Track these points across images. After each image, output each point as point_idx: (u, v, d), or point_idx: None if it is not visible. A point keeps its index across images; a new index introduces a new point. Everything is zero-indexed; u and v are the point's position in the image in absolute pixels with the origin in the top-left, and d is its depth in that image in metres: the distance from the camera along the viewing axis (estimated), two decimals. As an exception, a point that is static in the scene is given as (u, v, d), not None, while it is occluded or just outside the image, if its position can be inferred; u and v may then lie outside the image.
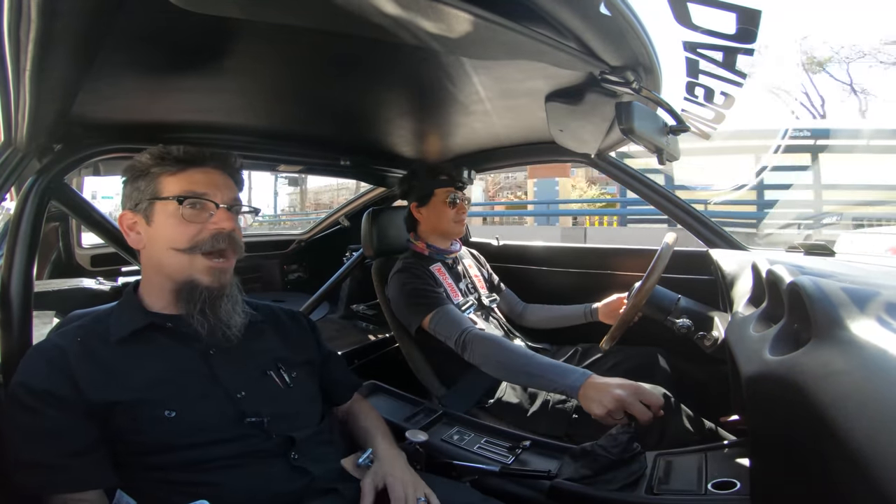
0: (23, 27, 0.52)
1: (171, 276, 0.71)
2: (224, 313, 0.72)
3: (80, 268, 1.93)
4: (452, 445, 0.95)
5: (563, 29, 0.59)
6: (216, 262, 0.71)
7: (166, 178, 0.72)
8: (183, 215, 0.70)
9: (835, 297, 0.44)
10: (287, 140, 1.35)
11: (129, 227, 0.74)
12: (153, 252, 0.72)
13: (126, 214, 0.74)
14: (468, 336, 1.14)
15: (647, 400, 0.87)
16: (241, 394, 0.70)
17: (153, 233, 0.72)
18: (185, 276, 0.70)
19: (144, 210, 0.72)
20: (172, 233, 0.70)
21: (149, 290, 0.74)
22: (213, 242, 0.70)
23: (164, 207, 0.71)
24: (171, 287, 0.72)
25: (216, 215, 0.71)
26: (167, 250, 0.70)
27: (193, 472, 0.64)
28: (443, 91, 0.99)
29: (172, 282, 0.71)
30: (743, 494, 0.70)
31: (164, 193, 0.71)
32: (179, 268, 0.70)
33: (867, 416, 0.33)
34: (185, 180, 0.72)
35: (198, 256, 0.70)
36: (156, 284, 0.73)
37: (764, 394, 0.50)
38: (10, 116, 0.79)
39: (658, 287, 1.17)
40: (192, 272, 0.70)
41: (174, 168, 0.72)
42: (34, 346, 0.70)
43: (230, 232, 0.72)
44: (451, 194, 1.37)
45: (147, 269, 0.75)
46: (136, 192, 0.73)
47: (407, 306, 1.27)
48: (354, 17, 0.53)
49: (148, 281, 0.75)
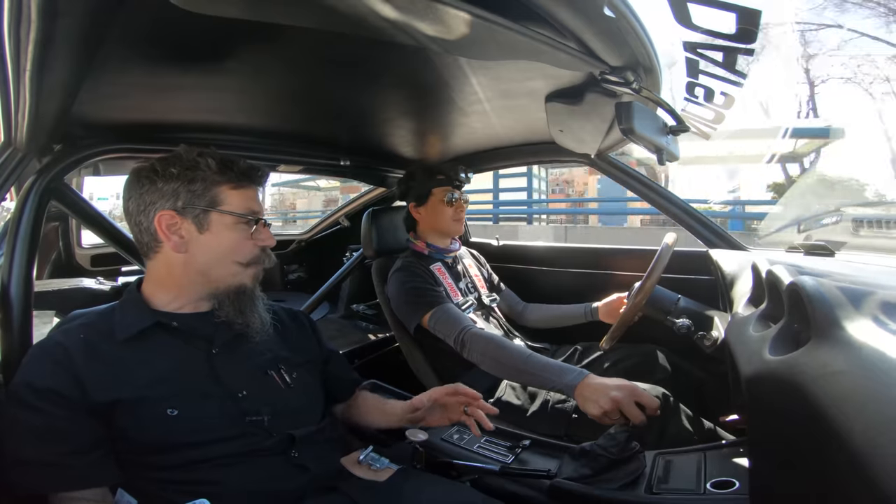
0: (23, 27, 0.52)
1: (218, 281, 0.73)
2: (259, 309, 0.77)
3: (80, 268, 1.93)
4: (452, 445, 0.96)
5: (563, 29, 0.59)
6: (260, 269, 0.77)
7: (228, 190, 0.73)
8: (252, 235, 0.74)
9: (834, 297, 0.44)
10: (287, 140, 1.35)
11: (168, 227, 0.71)
12: (201, 258, 0.72)
13: (167, 214, 0.70)
14: (467, 334, 1.14)
15: (642, 401, 0.87)
16: (242, 393, 0.70)
17: (206, 241, 0.72)
18: (238, 281, 0.74)
19: (196, 216, 0.71)
20: (235, 246, 0.73)
21: (164, 289, 0.73)
22: (262, 258, 0.77)
23: (224, 220, 0.72)
24: (211, 289, 0.73)
25: (265, 232, 0.77)
26: (227, 262, 0.73)
27: (194, 470, 0.65)
28: (443, 91, 0.99)
29: (218, 284, 0.73)
30: (742, 494, 0.70)
31: (227, 206, 0.72)
32: (231, 275, 0.74)
33: (867, 416, 0.33)
34: (246, 197, 0.74)
35: (250, 267, 0.75)
36: (183, 285, 0.73)
37: (763, 394, 0.50)
38: (10, 116, 0.79)
39: (658, 287, 1.17)
40: (243, 279, 0.75)
41: (238, 182, 0.74)
42: (37, 343, 0.70)
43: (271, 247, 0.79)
44: (449, 193, 1.37)
45: (174, 270, 0.72)
46: (189, 195, 0.71)
47: (406, 304, 1.27)
48: (354, 18, 0.53)
49: (167, 281, 0.73)
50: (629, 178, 1.48)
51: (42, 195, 0.94)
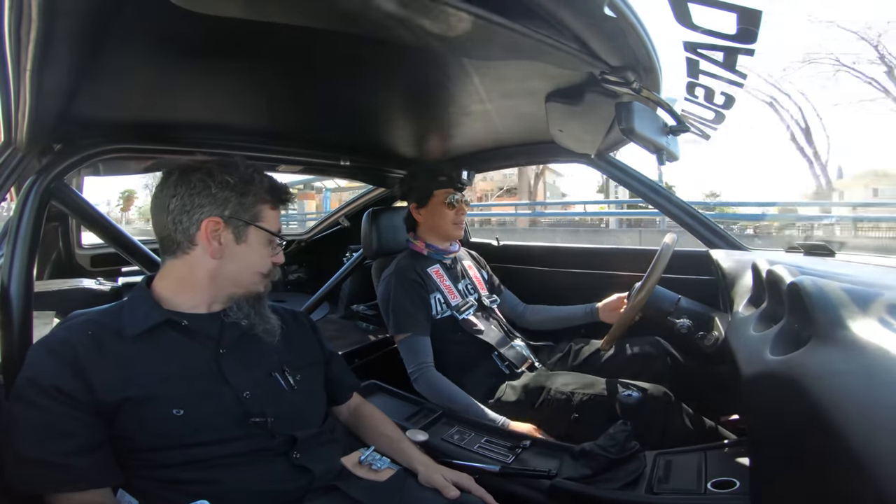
0: (23, 27, 0.52)
1: (242, 287, 0.76)
2: (266, 310, 0.80)
3: (80, 268, 1.93)
4: (452, 445, 0.96)
5: (563, 29, 0.59)
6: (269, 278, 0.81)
7: (269, 209, 0.77)
8: (272, 249, 0.79)
9: (835, 297, 0.44)
10: (287, 140, 1.35)
11: (212, 233, 0.72)
12: (231, 266, 0.74)
13: (214, 221, 0.72)
14: (422, 372, 1.21)
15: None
16: (246, 394, 0.70)
17: (241, 251, 0.74)
18: (257, 289, 0.79)
19: (237, 227, 0.73)
20: (262, 259, 0.77)
21: (180, 289, 0.73)
22: (275, 272, 0.82)
23: (260, 235, 0.76)
24: (233, 294, 0.76)
25: (279, 250, 0.81)
26: (252, 272, 0.77)
27: (196, 470, 0.64)
28: (443, 91, 0.99)
29: (239, 290, 0.76)
30: (742, 493, 0.70)
31: (265, 223, 0.76)
32: (254, 283, 0.78)
33: (867, 416, 0.33)
34: (277, 217, 0.80)
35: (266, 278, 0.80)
36: (203, 287, 0.74)
37: (764, 394, 0.50)
38: (10, 116, 0.79)
39: (658, 287, 1.17)
40: (261, 286, 0.79)
41: (275, 204, 0.79)
42: (40, 340, 0.68)
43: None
44: (451, 195, 1.37)
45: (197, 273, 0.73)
46: (237, 207, 0.73)
47: (385, 314, 1.32)
48: (355, 18, 0.53)
49: (186, 281, 0.73)
50: (629, 178, 1.48)
51: (42, 195, 0.94)
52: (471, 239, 1.98)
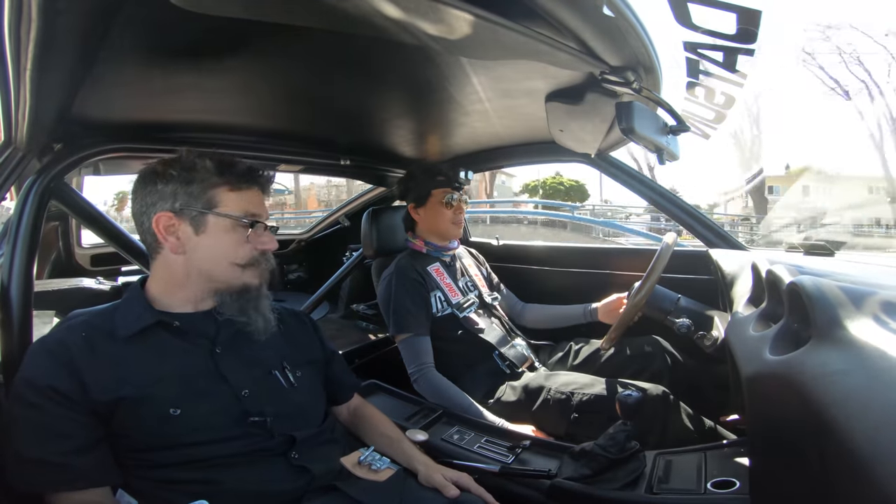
0: (23, 26, 0.52)
1: (219, 281, 0.73)
2: (264, 308, 0.77)
3: (80, 268, 1.93)
4: (452, 445, 0.95)
5: (563, 29, 0.59)
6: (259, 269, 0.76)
7: (226, 192, 0.72)
8: (248, 238, 0.73)
9: (834, 296, 0.44)
10: (287, 140, 1.35)
11: (166, 229, 0.71)
12: (198, 260, 0.72)
13: (165, 216, 0.70)
14: (423, 373, 1.21)
15: None
16: (245, 392, 0.70)
17: (203, 243, 0.71)
18: (241, 282, 0.74)
19: (193, 218, 0.71)
20: (231, 249, 0.72)
21: (167, 288, 0.73)
22: (263, 260, 0.76)
23: (220, 222, 0.71)
24: (214, 288, 0.73)
25: (264, 236, 0.76)
26: (225, 264, 0.73)
27: (195, 469, 0.64)
28: (443, 91, 0.99)
29: (219, 284, 0.73)
30: (742, 494, 0.70)
31: (224, 209, 0.71)
32: (232, 277, 0.73)
33: (867, 416, 0.33)
34: (245, 200, 0.73)
35: (250, 269, 0.75)
36: (185, 285, 0.73)
37: (764, 393, 0.50)
38: (10, 116, 0.79)
39: (658, 287, 1.17)
40: (246, 278, 0.74)
41: (236, 185, 0.73)
42: (38, 341, 0.69)
43: (272, 251, 0.78)
44: (448, 195, 1.37)
45: (176, 271, 0.72)
46: (186, 197, 0.71)
47: (386, 314, 1.32)
48: (355, 18, 0.53)
49: (171, 281, 0.73)
50: (629, 177, 1.48)
51: (42, 195, 0.94)
52: (470, 238, 1.99)
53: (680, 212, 1.42)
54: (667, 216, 1.48)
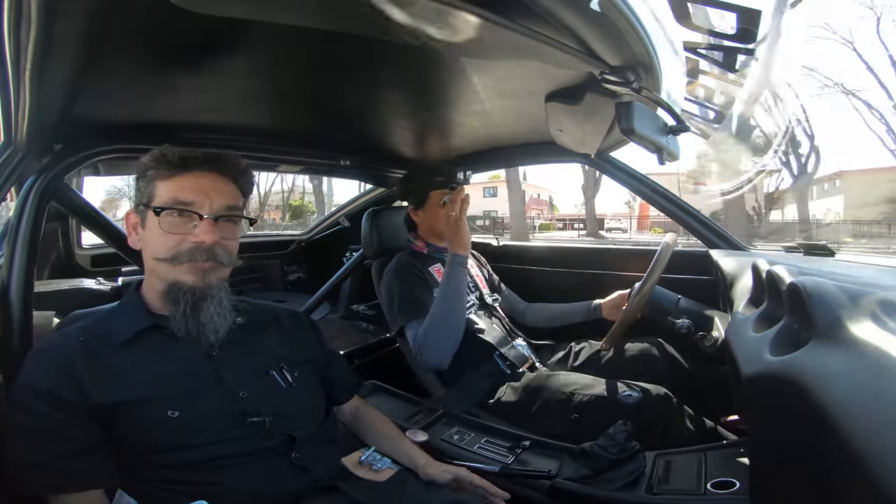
0: (23, 27, 0.52)
1: (160, 278, 0.70)
2: (206, 316, 0.69)
3: (80, 268, 1.93)
4: (452, 445, 0.95)
5: (563, 29, 0.59)
6: (201, 264, 0.69)
7: (159, 182, 0.70)
8: (161, 226, 0.68)
9: (835, 297, 0.44)
10: (287, 140, 1.35)
11: (132, 226, 0.73)
12: (145, 255, 0.72)
13: (130, 214, 0.74)
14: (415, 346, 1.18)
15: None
16: (243, 393, 0.70)
17: (144, 237, 0.72)
18: (171, 278, 0.69)
19: (141, 213, 0.72)
20: (155, 242, 0.69)
21: (148, 290, 0.74)
22: (190, 255, 0.68)
23: (151, 215, 0.69)
24: (161, 287, 0.71)
25: (199, 227, 0.68)
26: (150, 258, 0.70)
27: (194, 471, 0.64)
28: (443, 91, 0.99)
29: (161, 282, 0.70)
30: (742, 494, 0.70)
31: (154, 200, 0.69)
32: (163, 273, 0.70)
33: (868, 417, 0.33)
34: (175, 186, 0.69)
35: (179, 265, 0.68)
36: (151, 285, 0.73)
37: (764, 394, 0.50)
38: (10, 116, 0.79)
39: (658, 287, 1.17)
40: (177, 275, 0.69)
41: (167, 172, 0.70)
42: (36, 347, 0.70)
43: (211, 246, 0.69)
44: (446, 196, 1.36)
45: (146, 270, 0.74)
46: (138, 193, 0.73)
47: (389, 307, 1.30)
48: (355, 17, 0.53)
49: (146, 281, 0.75)
50: (629, 177, 1.48)
51: (42, 195, 0.94)
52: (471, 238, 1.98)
53: (680, 212, 1.42)
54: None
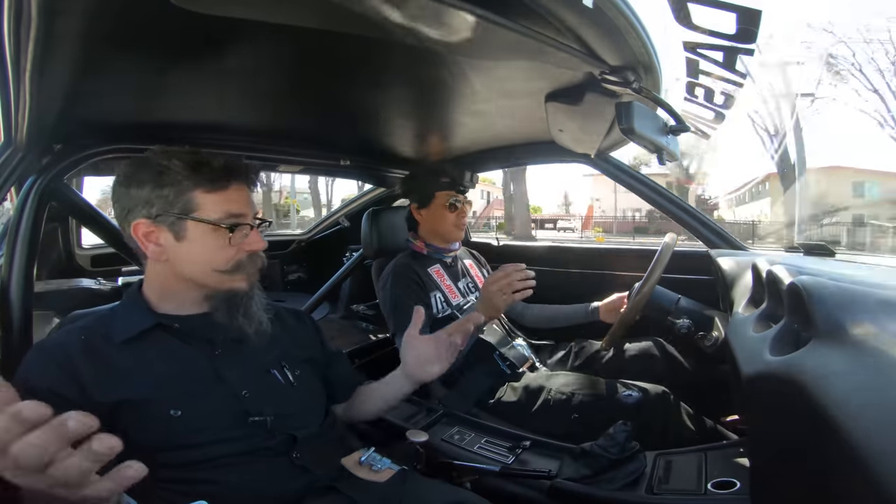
0: (23, 27, 0.52)
1: (205, 286, 0.71)
2: (255, 313, 0.74)
3: (80, 268, 1.93)
4: (453, 445, 0.95)
5: (563, 29, 0.59)
6: (254, 270, 0.74)
7: (203, 194, 0.67)
8: (231, 241, 0.69)
9: (835, 297, 0.44)
10: (287, 140, 1.35)
11: (145, 236, 0.68)
12: (182, 267, 0.69)
13: (143, 223, 0.67)
14: None
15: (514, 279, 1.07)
16: (245, 393, 0.70)
17: (185, 249, 0.68)
18: (227, 287, 0.71)
19: (172, 224, 0.67)
20: (213, 255, 0.69)
21: (159, 293, 0.73)
22: (250, 263, 0.72)
23: (199, 227, 0.67)
24: (203, 293, 0.71)
25: (251, 236, 0.71)
26: (209, 271, 0.69)
27: (195, 470, 0.64)
28: (443, 91, 0.99)
29: (207, 289, 0.71)
30: (743, 494, 0.70)
31: (203, 213, 0.67)
32: (218, 283, 0.71)
33: (868, 417, 0.33)
34: (225, 200, 0.69)
35: (239, 274, 0.71)
36: (174, 290, 0.72)
37: (764, 394, 0.50)
38: (10, 116, 0.79)
39: (658, 287, 1.17)
40: (233, 284, 0.71)
41: (213, 185, 0.68)
42: (37, 344, 0.69)
43: (261, 251, 0.73)
44: (453, 198, 1.35)
45: (164, 276, 0.72)
46: (161, 201, 0.67)
47: (387, 314, 1.31)
48: (355, 17, 0.53)
49: (161, 286, 0.72)
50: (629, 177, 1.48)
51: (42, 195, 0.94)
52: (471, 238, 1.98)
53: (680, 212, 1.42)
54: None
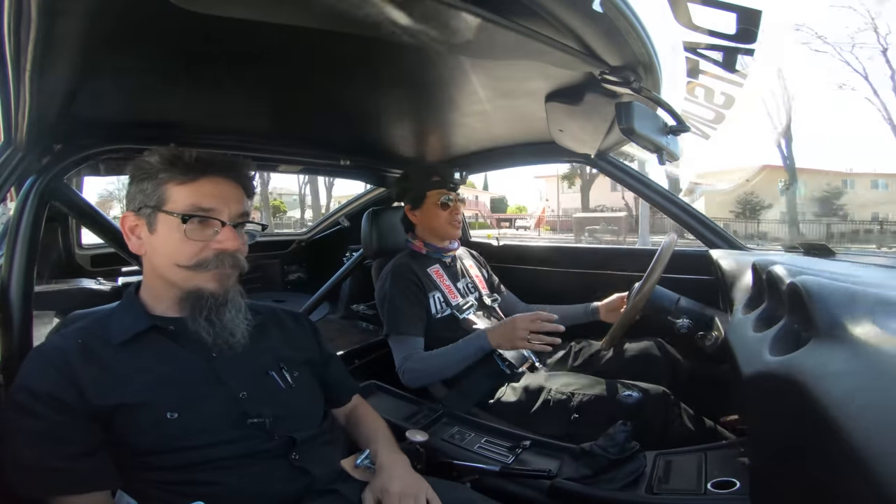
0: (23, 27, 0.52)
1: (175, 285, 0.70)
2: (228, 321, 0.71)
3: (80, 268, 1.93)
4: (453, 445, 0.95)
5: (563, 29, 0.59)
6: (221, 270, 0.70)
7: (174, 186, 0.68)
8: (186, 233, 0.67)
9: (835, 296, 0.44)
10: (287, 140, 1.36)
11: (130, 229, 0.71)
12: (155, 260, 0.70)
13: (128, 216, 0.71)
14: (406, 364, 1.22)
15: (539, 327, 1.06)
16: (243, 394, 0.70)
17: (155, 242, 0.69)
18: (191, 285, 0.69)
19: (148, 216, 0.69)
20: (175, 249, 0.68)
21: (150, 293, 0.73)
22: (216, 262, 0.69)
23: (168, 219, 0.68)
24: (176, 293, 0.71)
25: (221, 233, 0.69)
26: (171, 265, 0.69)
27: (194, 472, 0.64)
28: (443, 91, 0.99)
29: (178, 289, 0.70)
30: (742, 494, 0.70)
31: (170, 205, 0.68)
32: (182, 280, 0.69)
33: (868, 416, 0.33)
34: (194, 192, 0.68)
35: (204, 272, 0.69)
36: (158, 289, 0.72)
37: (764, 394, 0.50)
38: (10, 116, 0.79)
39: (658, 287, 1.17)
40: (199, 282, 0.69)
41: (184, 177, 0.68)
42: (35, 348, 0.69)
43: (234, 252, 0.70)
44: (444, 196, 1.36)
45: (148, 273, 0.73)
46: (141, 195, 0.69)
47: (381, 314, 1.33)
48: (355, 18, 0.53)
49: (149, 285, 0.73)
50: (629, 177, 1.48)
51: (42, 195, 0.94)
52: (470, 238, 1.99)
53: (680, 212, 1.42)
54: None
